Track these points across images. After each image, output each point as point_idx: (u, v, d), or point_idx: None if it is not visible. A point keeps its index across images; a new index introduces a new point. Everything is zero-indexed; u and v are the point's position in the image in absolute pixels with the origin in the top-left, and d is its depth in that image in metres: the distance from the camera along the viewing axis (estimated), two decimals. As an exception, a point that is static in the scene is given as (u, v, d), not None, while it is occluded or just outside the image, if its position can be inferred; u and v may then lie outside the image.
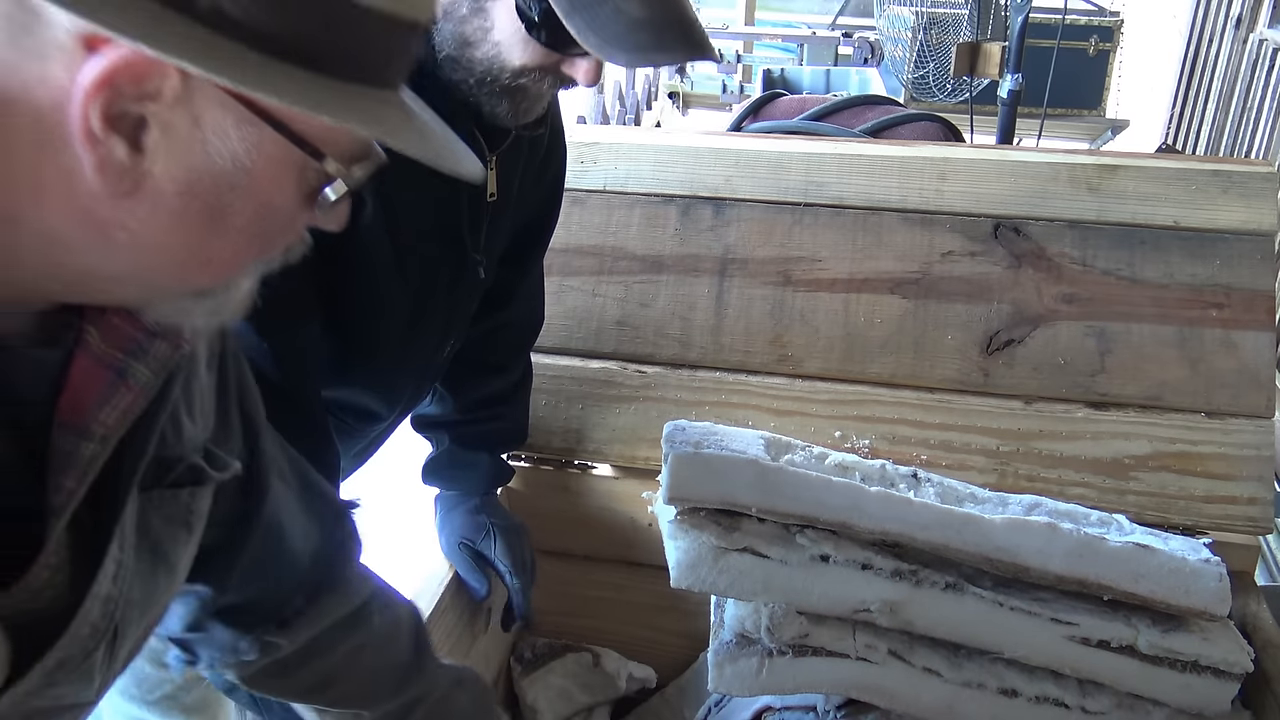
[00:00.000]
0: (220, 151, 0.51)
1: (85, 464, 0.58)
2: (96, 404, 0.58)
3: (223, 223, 0.53)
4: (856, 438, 1.26)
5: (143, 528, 0.65)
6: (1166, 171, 1.28)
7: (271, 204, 0.54)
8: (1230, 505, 1.19)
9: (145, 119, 0.48)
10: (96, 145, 0.48)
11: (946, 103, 2.75)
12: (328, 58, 0.50)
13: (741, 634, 1.07)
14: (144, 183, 0.50)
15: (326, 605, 0.88)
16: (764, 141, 1.40)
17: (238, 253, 0.56)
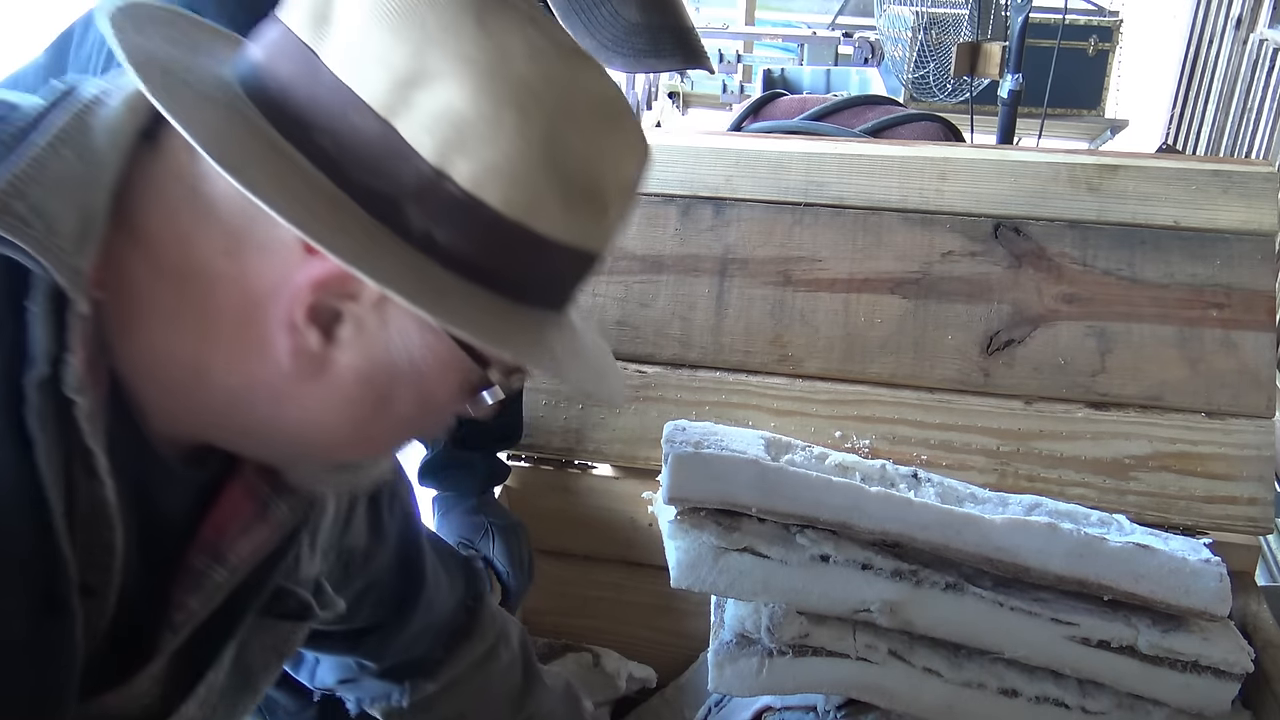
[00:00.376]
0: (401, 350, 0.55)
1: (213, 589, 0.62)
2: (237, 532, 0.63)
3: (387, 410, 0.57)
4: (856, 438, 1.26)
5: (241, 651, 0.68)
6: (1167, 171, 1.28)
7: (434, 398, 0.58)
8: (1230, 505, 1.19)
9: (341, 314, 0.53)
10: (294, 333, 0.53)
11: (946, 103, 2.75)
12: (515, 284, 0.54)
13: (741, 634, 1.07)
14: (328, 368, 0.54)
15: (465, 650, 0.97)
16: (764, 141, 1.40)
17: (392, 436, 0.62)
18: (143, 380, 0.54)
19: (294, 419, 0.57)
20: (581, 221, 0.55)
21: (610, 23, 0.93)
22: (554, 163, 0.52)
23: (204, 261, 0.52)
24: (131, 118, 0.54)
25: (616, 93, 0.55)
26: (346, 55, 0.50)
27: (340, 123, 0.50)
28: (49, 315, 0.49)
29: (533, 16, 0.52)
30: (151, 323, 0.53)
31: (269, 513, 0.64)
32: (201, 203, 0.52)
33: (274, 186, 0.49)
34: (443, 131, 0.50)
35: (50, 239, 0.48)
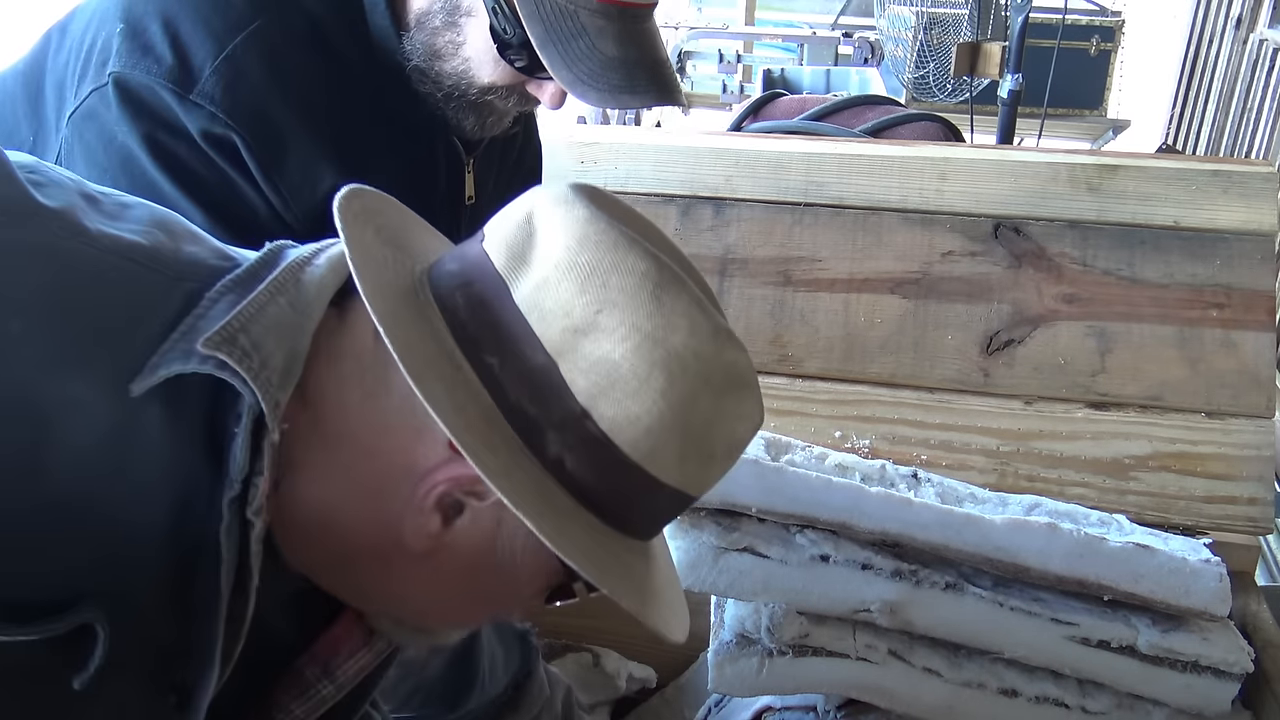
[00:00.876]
0: (506, 548, 0.61)
1: (319, 701, 0.68)
2: (347, 653, 0.69)
3: (476, 593, 0.64)
4: (856, 438, 1.26)
5: None
6: (1166, 171, 1.28)
7: (520, 593, 0.65)
8: (1230, 505, 1.19)
9: (463, 506, 0.59)
10: (421, 514, 0.59)
11: (947, 103, 2.75)
12: (622, 516, 0.61)
13: (741, 634, 1.07)
14: (439, 550, 0.60)
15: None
16: (764, 141, 1.40)
17: (474, 615, 0.69)
18: (278, 515, 0.60)
19: (395, 587, 0.63)
20: (691, 470, 0.61)
21: (587, 56, 0.93)
22: (683, 424, 0.59)
23: (360, 433, 0.59)
24: (335, 280, 0.61)
25: (748, 366, 0.64)
26: (533, 294, 0.58)
27: (512, 350, 0.57)
28: (249, 440, 0.55)
29: (700, 298, 0.61)
30: (299, 470, 0.59)
31: (373, 640, 0.70)
32: (372, 384, 0.59)
33: (443, 396, 0.55)
34: (597, 378, 0.57)
35: (263, 372, 0.55)
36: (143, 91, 0.93)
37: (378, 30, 1.01)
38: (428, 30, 1.00)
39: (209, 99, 0.93)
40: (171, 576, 0.55)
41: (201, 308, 0.57)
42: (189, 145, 0.94)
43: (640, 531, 0.64)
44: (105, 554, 0.53)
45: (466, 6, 0.97)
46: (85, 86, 0.95)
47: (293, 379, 0.57)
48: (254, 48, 0.95)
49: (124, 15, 0.94)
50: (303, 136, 0.99)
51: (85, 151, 0.94)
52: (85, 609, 0.52)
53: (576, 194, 0.62)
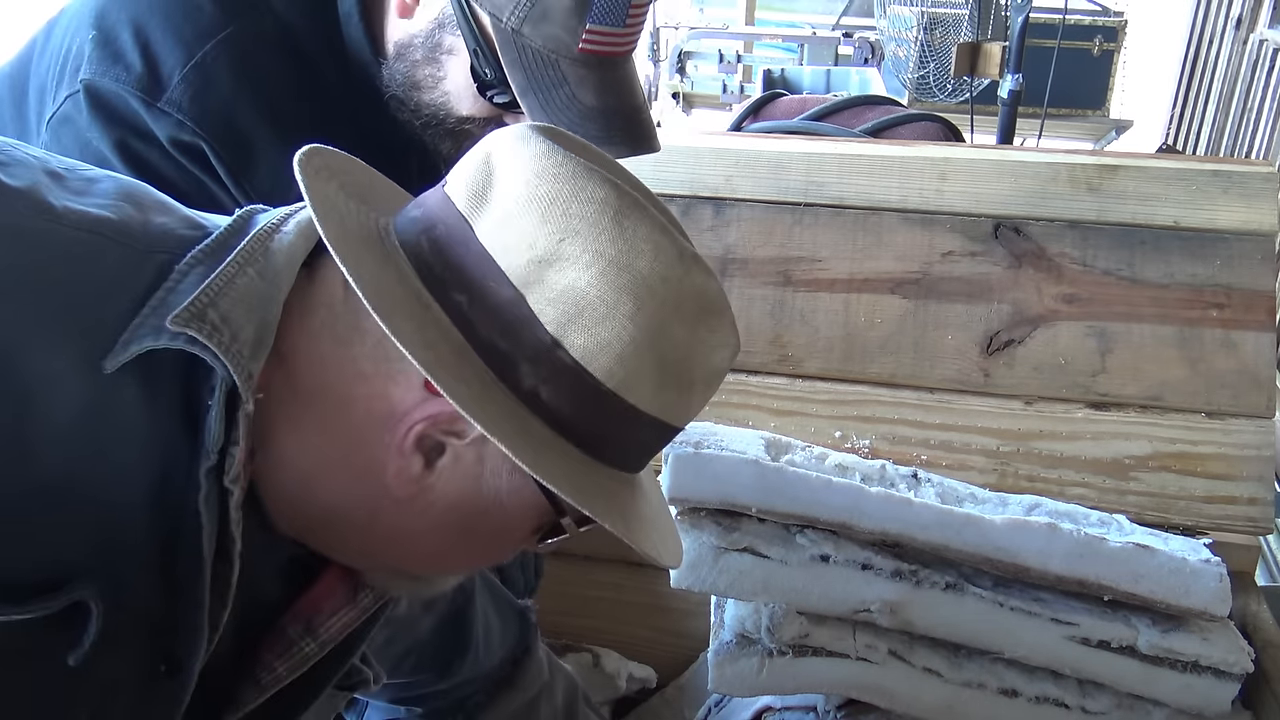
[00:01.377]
0: (491, 486, 0.61)
1: (301, 659, 0.68)
2: (329, 611, 0.69)
3: (468, 537, 0.64)
4: (856, 438, 1.26)
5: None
6: (1167, 171, 1.28)
7: (510, 533, 0.65)
8: (1230, 505, 1.19)
9: (444, 446, 0.60)
10: (401, 458, 0.59)
11: (947, 103, 2.75)
12: (602, 446, 0.61)
13: (741, 634, 1.07)
14: (424, 494, 0.61)
15: (506, 699, 1.02)
16: (764, 141, 1.40)
17: (465, 560, 0.68)
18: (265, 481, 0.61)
19: (383, 535, 0.63)
20: (669, 398, 0.61)
21: (567, 106, 0.94)
22: (655, 348, 0.59)
23: (336, 384, 0.60)
24: (304, 245, 0.62)
25: (719, 292, 0.63)
26: (496, 230, 0.58)
27: (479, 286, 0.58)
28: (223, 412, 0.56)
29: (663, 224, 0.60)
30: (278, 431, 0.60)
31: (358, 597, 0.70)
32: (344, 332, 0.60)
33: (413, 333, 0.56)
34: (565, 307, 0.57)
35: (234, 345, 0.56)
36: (113, 99, 0.94)
37: (352, 42, 1.02)
38: (408, 62, 1.00)
39: (176, 107, 0.94)
40: (158, 549, 0.55)
41: (171, 281, 0.57)
42: (160, 152, 0.95)
43: (624, 462, 0.64)
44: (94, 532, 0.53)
45: (449, 45, 0.98)
46: (61, 92, 0.96)
47: (265, 348, 0.58)
48: (224, 55, 0.96)
49: (96, 22, 0.95)
50: (273, 143, 0.99)
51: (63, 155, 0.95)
52: (78, 587, 0.52)
53: (533, 130, 0.61)
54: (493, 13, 0.92)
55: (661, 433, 0.63)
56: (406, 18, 0.99)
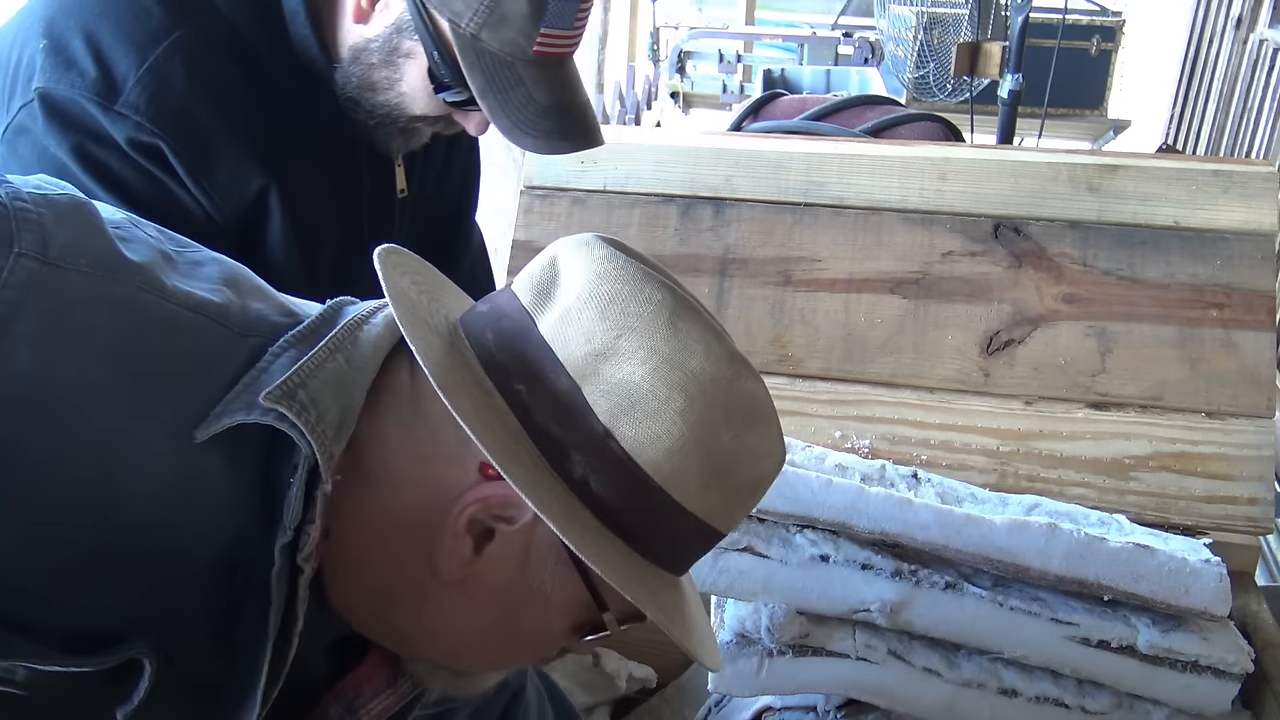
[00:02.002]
0: (536, 576, 0.62)
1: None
2: (370, 693, 0.70)
3: (509, 627, 0.65)
4: (856, 438, 1.26)
5: None
6: (1167, 171, 1.28)
7: (552, 628, 0.66)
8: (1230, 505, 1.19)
9: (494, 532, 0.61)
10: (454, 538, 0.61)
11: (947, 103, 2.75)
12: (648, 540, 0.62)
13: (741, 634, 1.07)
14: (471, 578, 0.62)
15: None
16: (764, 141, 1.40)
17: (506, 654, 0.69)
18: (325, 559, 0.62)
19: (430, 620, 0.64)
20: (714, 501, 0.63)
21: (524, 105, 0.98)
22: (703, 448, 0.60)
23: (397, 465, 0.62)
24: (389, 338, 0.64)
25: (766, 399, 0.65)
26: (557, 325, 0.61)
27: (537, 375, 0.60)
28: (303, 490, 0.58)
29: (716, 328, 0.63)
30: (344, 511, 0.61)
31: (398, 682, 0.71)
32: (408, 416, 0.62)
33: (472, 412, 0.58)
34: (618, 399, 0.59)
35: (320, 425, 0.58)
36: (69, 105, 0.95)
37: (299, 40, 1.04)
38: (364, 65, 1.04)
39: (134, 109, 0.95)
40: (219, 616, 0.57)
41: (264, 362, 0.60)
42: (118, 154, 0.97)
43: (669, 561, 0.65)
44: (160, 590, 0.55)
45: (406, 49, 1.00)
46: (15, 103, 0.97)
47: (347, 431, 0.60)
48: (176, 56, 0.97)
49: (46, 31, 0.97)
50: (228, 140, 1.02)
51: (21, 166, 0.97)
52: (136, 643, 0.54)
53: (597, 239, 0.65)
54: (451, 19, 0.95)
55: (705, 535, 0.65)
56: (362, 23, 1.02)
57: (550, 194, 1.37)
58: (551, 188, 1.37)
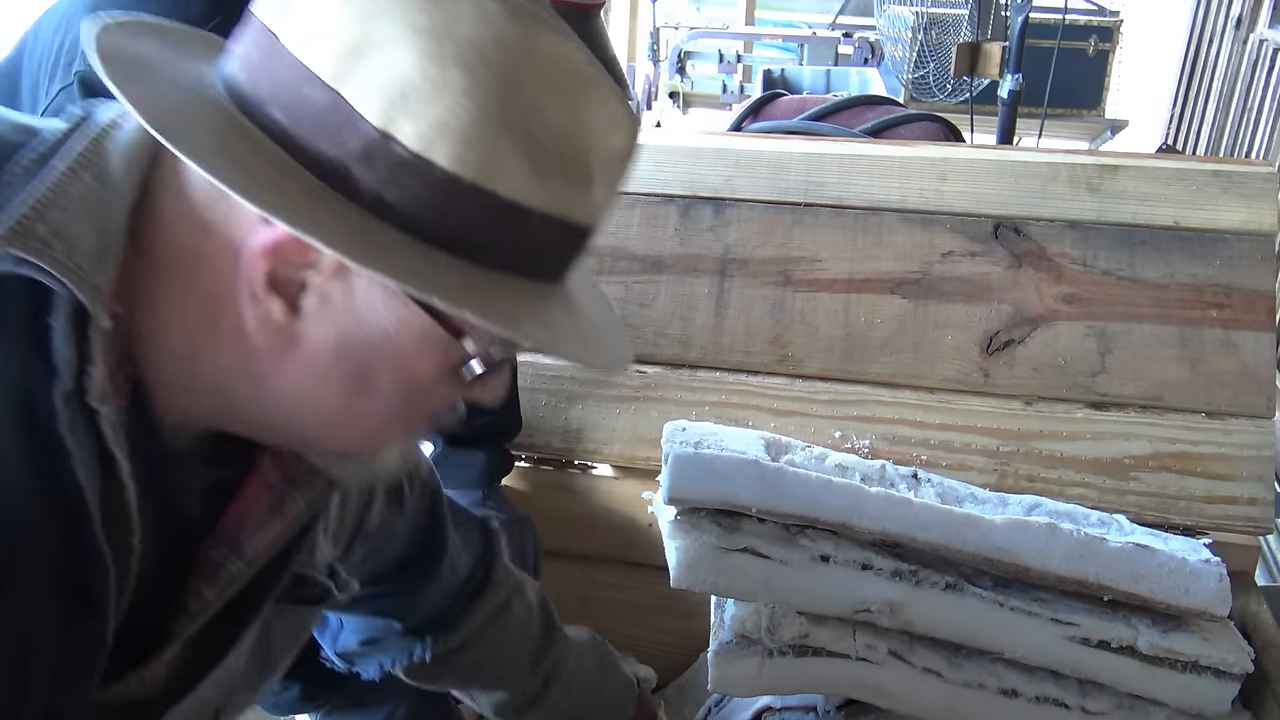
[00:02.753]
0: (370, 322, 0.55)
1: (229, 580, 0.64)
2: (254, 526, 0.65)
3: (368, 386, 0.58)
4: (856, 438, 1.26)
5: (262, 636, 0.71)
6: (1167, 171, 1.28)
7: (414, 374, 0.58)
8: (1230, 505, 1.19)
9: (305, 284, 0.54)
10: (258, 304, 0.54)
11: (947, 103, 2.75)
12: (483, 250, 0.54)
13: (741, 634, 1.07)
14: (298, 342, 0.55)
15: (480, 605, 0.99)
16: (764, 141, 1.40)
17: (382, 418, 0.61)
18: (154, 382, 0.57)
19: (278, 400, 0.58)
20: (558, 189, 0.55)
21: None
22: (509, 124, 0.52)
23: (182, 244, 0.55)
24: (147, 139, 0.55)
25: (583, 59, 0.55)
26: (301, 32, 0.52)
27: (293, 95, 0.52)
28: (70, 331, 0.52)
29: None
30: (153, 322, 0.56)
31: (284, 507, 0.66)
32: (179, 191, 0.54)
33: (216, 153, 0.50)
34: (387, 94, 0.51)
35: (70, 259, 0.51)
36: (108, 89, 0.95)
37: None
38: None
39: None
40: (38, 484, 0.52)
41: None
42: None
43: (525, 269, 0.56)
44: None
45: None
46: (54, 85, 0.97)
47: (110, 258, 0.53)
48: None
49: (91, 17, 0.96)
50: None
51: None
52: None
53: None
54: None
55: (562, 231, 0.56)
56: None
57: (550, 194, 1.37)
58: (551, 188, 1.37)
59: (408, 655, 0.97)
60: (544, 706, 1.05)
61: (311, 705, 1.07)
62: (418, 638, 0.96)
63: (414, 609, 0.95)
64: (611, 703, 1.12)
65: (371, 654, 0.97)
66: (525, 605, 1.04)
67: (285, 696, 1.05)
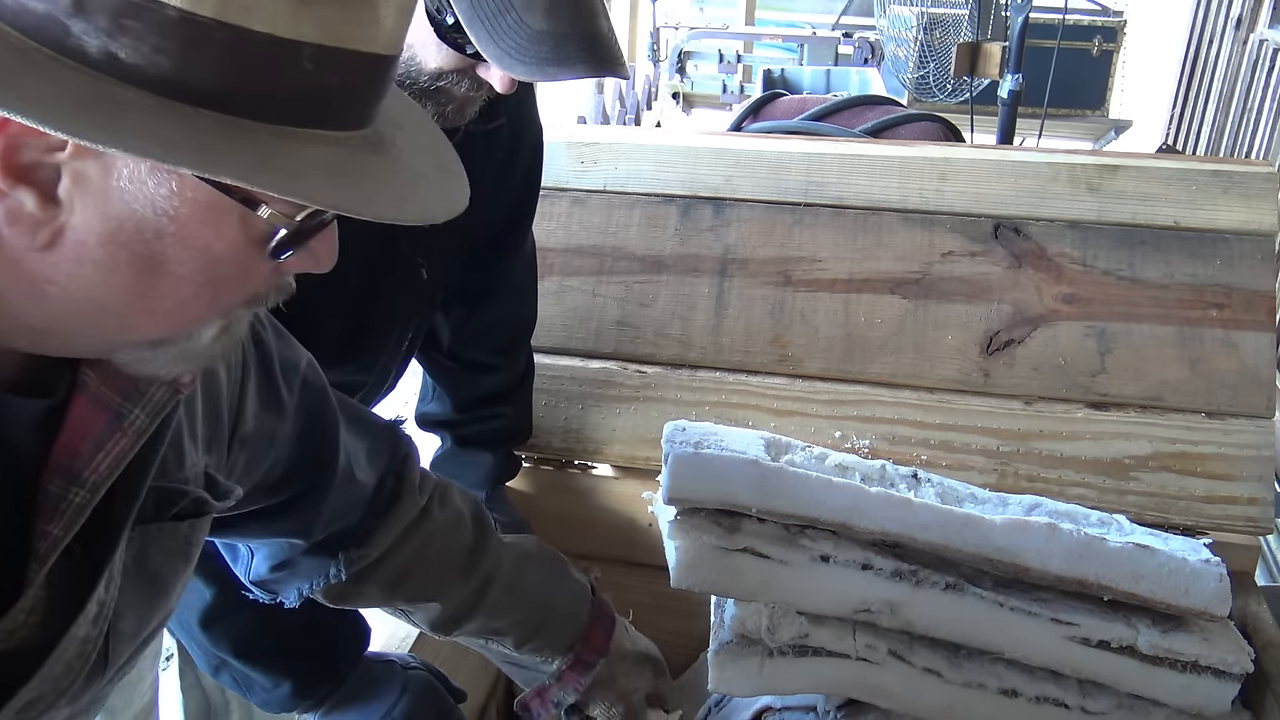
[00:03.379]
0: (141, 200, 0.48)
1: (74, 512, 0.58)
2: (91, 449, 0.58)
3: (158, 272, 0.51)
4: (856, 438, 1.26)
5: (141, 561, 0.66)
6: (1166, 171, 1.28)
7: (211, 252, 0.51)
8: (1230, 505, 1.19)
9: (59, 169, 0.47)
10: (5, 199, 0.47)
11: (947, 103, 2.75)
12: (249, 101, 0.47)
13: (741, 634, 1.07)
14: (64, 234, 0.49)
15: (396, 516, 0.93)
16: (764, 141, 1.40)
17: (185, 302, 0.54)
18: None
19: (64, 304, 0.52)
20: (329, 14, 0.47)
21: (514, 30, 0.91)
22: None
23: None
24: None
25: None
26: None
27: None
28: None
29: None
30: None
31: (124, 423, 0.60)
32: None
33: None
34: None
35: None
36: None
37: None
38: None
39: None
40: None
41: None
42: None
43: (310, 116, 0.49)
44: None
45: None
46: None
47: None
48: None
49: None
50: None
51: None
52: None
53: None
54: None
55: (350, 67, 0.49)
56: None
57: (550, 194, 1.37)
58: (552, 188, 1.37)
59: (323, 575, 0.91)
60: (483, 613, 0.99)
61: (303, 703, 1.06)
62: (330, 556, 0.91)
63: (316, 523, 0.89)
64: (561, 608, 1.04)
65: (286, 579, 0.92)
66: (452, 512, 0.98)
67: (276, 694, 1.05)
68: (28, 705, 0.57)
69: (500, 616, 1.01)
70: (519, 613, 1.01)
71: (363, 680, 1.08)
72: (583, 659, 1.04)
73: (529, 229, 1.27)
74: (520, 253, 1.28)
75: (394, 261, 1.12)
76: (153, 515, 0.65)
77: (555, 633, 1.03)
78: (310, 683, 1.06)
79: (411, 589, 0.97)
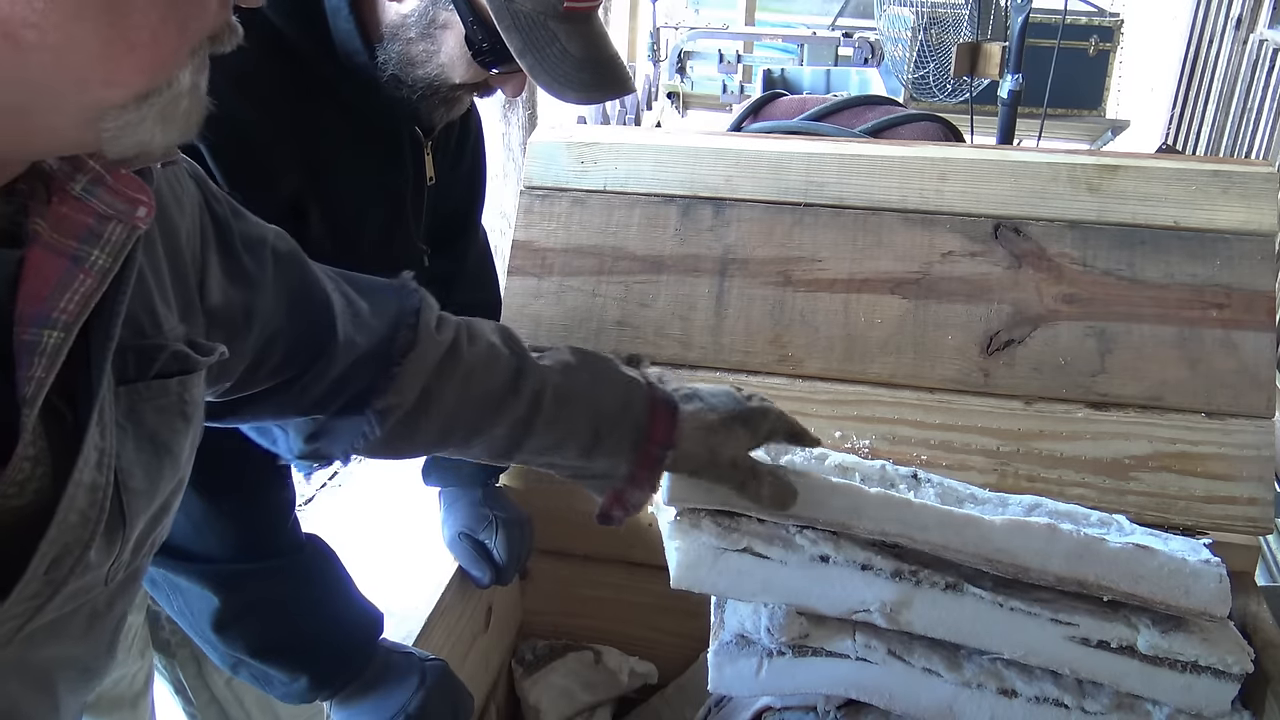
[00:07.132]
0: None
1: (51, 352, 0.58)
2: (56, 292, 0.58)
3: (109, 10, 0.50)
4: (856, 438, 1.26)
5: (136, 419, 0.66)
6: (1166, 172, 1.28)
7: None
8: (1230, 505, 1.19)
9: None
10: None
11: (947, 103, 2.76)
12: None
13: (741, 634, 1.07)
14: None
15: (415, 359, 0.91)
16: (764, 141, 1.40)
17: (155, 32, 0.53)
18: None
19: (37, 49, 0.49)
20: None
21: (561, 59, 1.00)
22: None
23: None
24: None
25: None
26: None
27: None
28: None
29: None
30: None
31: (84, 264, 0.59)
32: None
33: None
34: None
35: None
36: None
37: (340, 34, 1.06)
38: (402, 41, 1.06)
39: None
40: None
41: None
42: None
43: None
44: None
45: (442, 20, 1.04)
46: None
47: None
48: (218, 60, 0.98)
49: None
50: (268, 143, 1.03)
51: None
52: None
53: None
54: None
55: None
56: (397, 1, 1.05)
57: (550, 194, 1.37)
58: (551, 188, 1.37)
59: (360, 436, 0.90)
60: (540, 428, 0.96)
61: (321, 694, 1.07)
62: (360, 415, 0.90)
63: (336, 390, 0.89)
64: (614, 407, 0.98)
65: (327, 446, 0.91)
66: (483, 345, 0.96)
67: (295, 686, 1.06)
68: (54, 563, 0.57)
69: (557, 428, 0.96)
70: (575, 420, 0.97)
71: (381, 670, 1.09)
72: (649, 454, 0.98)
73: (480, 216, 1.41)
74: (476, 239, 1.41)
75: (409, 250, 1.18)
76: (135, 375, 0.66)
77: (616, 432, 0.98)
78: (326, 674, 1.07)
79: (465, 430, 0.95)
